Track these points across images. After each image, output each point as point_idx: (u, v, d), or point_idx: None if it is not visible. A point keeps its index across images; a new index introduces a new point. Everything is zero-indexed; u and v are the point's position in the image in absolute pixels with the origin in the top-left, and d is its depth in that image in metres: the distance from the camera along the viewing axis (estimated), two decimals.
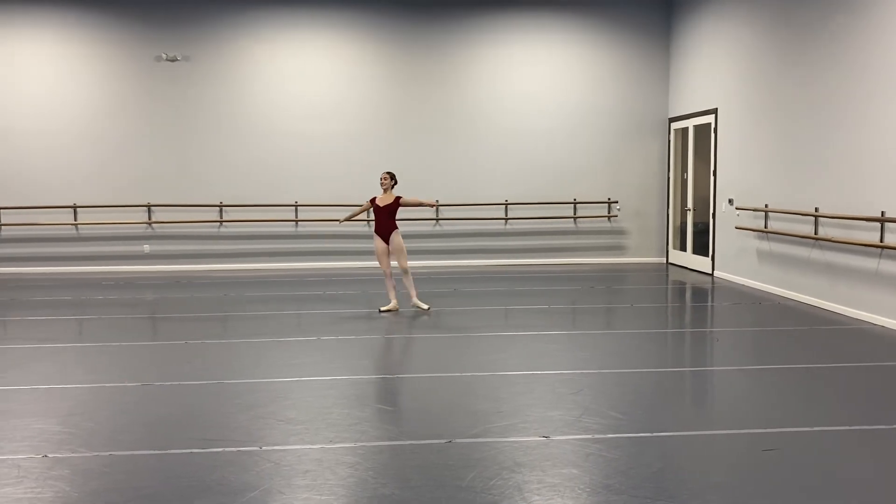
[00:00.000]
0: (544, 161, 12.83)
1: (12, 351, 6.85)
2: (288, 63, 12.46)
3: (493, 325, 7.91)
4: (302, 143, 12.52)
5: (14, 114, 12.12)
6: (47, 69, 12.14)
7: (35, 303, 9.58)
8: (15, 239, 12.31)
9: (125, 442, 4.40)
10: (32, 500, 3.61)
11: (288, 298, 9.71)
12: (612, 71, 12.85)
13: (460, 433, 4.48)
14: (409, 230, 12.69)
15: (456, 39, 12.63)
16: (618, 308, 9.10)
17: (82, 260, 12.40)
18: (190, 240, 12.57)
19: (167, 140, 12.38)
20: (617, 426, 4.62)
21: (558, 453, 4.19)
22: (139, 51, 12.23)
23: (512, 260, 12.93)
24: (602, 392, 5.36)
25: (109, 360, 6.46)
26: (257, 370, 6.04)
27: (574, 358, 6.40)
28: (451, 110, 12.71)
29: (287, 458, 4.12)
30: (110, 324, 8.14)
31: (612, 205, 12.96)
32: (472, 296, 9.81)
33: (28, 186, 12.18)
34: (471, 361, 6.28)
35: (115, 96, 12.27)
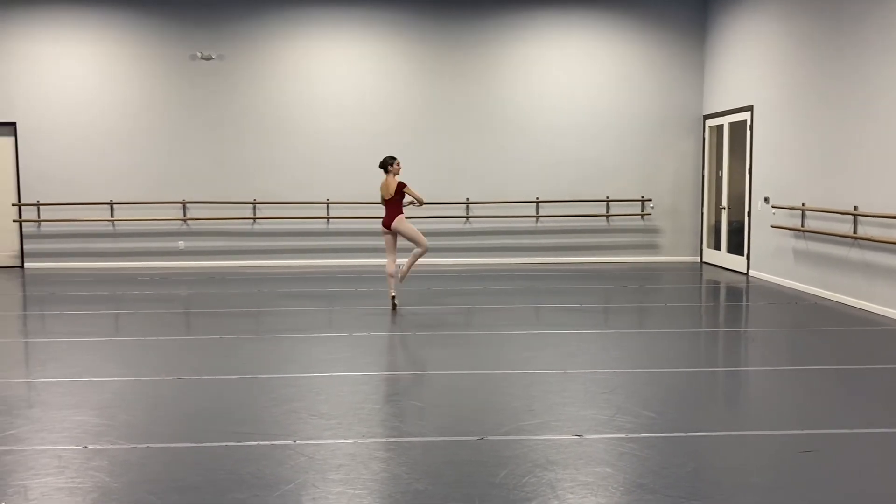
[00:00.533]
0: (576, 158, 12.75)
1: (52, 344, 7.00)
2: (320, 61, 12.54)
3: (524, 324, 7.89)
4: (334, 140, 12.60)
5: (54, 111, 12.36)
6: (86, 68, 12.36)
7: (73, 297, 9.76)
8: (54, 234, 12.56)
9: (161, 434, 4.47)
10: (73, 490, 3.68)
11: (319, 295, 9.78)
12: (646, 67, 12.73)
13: (492, 430, 4.48)
14: (438, 227, 12.72)
15: (487, 36, 12.61)
16: (651, 307, 9.01)
17: (119, 256, 12.61)
18: (224, 236, 12.72)
19: (202, 137, 12.53)
20: (650, 425, 4.58)
21: (591, 452, 4.16)
22: (175, 50, 12.40)
23: (543, 258, 12.87)
24: (635, 391, 5.31)
25: (145, 354, 6.57)
26: (290, 365, 6.10)
27: (607, 357, 6.36)
28: (482, 107, 12.69)
29: (321, 453, 4.15)
30: (146, 318, 8.27)
31: (646, 203, 12.85)
32: (503, 294, 9.79)
33: (67, 183, 12.41)
34: (502, 359, 6.27)
35: (152, 95, 12.46)
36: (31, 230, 12.55)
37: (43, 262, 12.55)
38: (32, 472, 3.91)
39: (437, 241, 12.78)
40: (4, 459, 4.08)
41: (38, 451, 4.21)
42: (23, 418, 4.78)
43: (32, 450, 4.23)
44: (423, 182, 12.62)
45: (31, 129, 12.36)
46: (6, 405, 5.04)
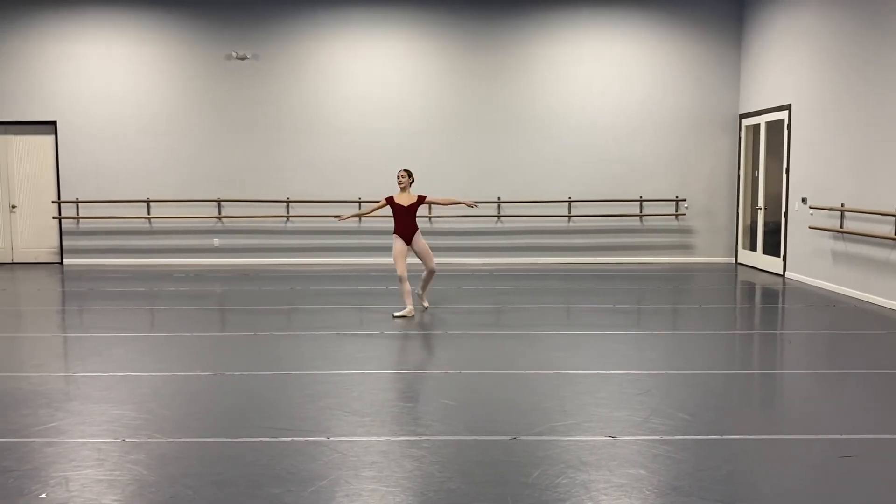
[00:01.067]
0: (610, 158, 12.66)
1: (91, 339, 7.13)
2: (352, 60, 12.61)
3: (556, 324, 7.85)
4: (365, 139, 12.66)
5: (92, 111, 12.59)
6: (123, 68, 12.57)
7: (111, 293, 9.94)
8: (92, 231, 12.80)
9: (198, 429, 4.53)
10: (112, 483, 3.75)
11: (352, 293, 9.83)
12: (681, 65, 12.59)
13: (524, 430, 4.46)
14: (469, 226, 12.72)
15: (520, 35, 12.57)
16: (685, 308, 8.91)
17: (155, 252, 12.81)
18: (257, 234, 12.85)
19: (236, 136, 12.67)
20: (685, 428, 4.53)
21: (625, 453, 4.13)
22: (210, 50, 12.55)
23: (575, 258, 12.80)
24: (669, 393, 5.26)
25: (181, 349, 6.66)
26: (323, 362, 6.14)
27: (640, 358, 6.30)
28: (514, 106, 12.65)
29: (354, 450, 4.18)
30: (181, 315, 8.39)
31: (680, 203, 12.71)
32: (535, 294, 9.76)
33: (105, 181, 12.64)
34: (534, 359, 6.25)
35: (187, 94, 12.63)
36: (70, 227, 12.80)
37: (81, 259, 12.80)
38: (73, 463, 3.99)
39: (468, 241, 12.80)
40: (46, 451, 4.17)
41: (78, 443, 4.29)
42: (63, 411, 4.88)
43: (73, 442, 4.31)
44: (454, 181, 12.66)
45: (71, 128, 12.61)
46: (47, 398, 5.15)
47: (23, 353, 6.74)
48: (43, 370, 5.93)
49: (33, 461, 4.03)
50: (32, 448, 4.21)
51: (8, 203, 12.90)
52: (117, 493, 3.63)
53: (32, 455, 4.12)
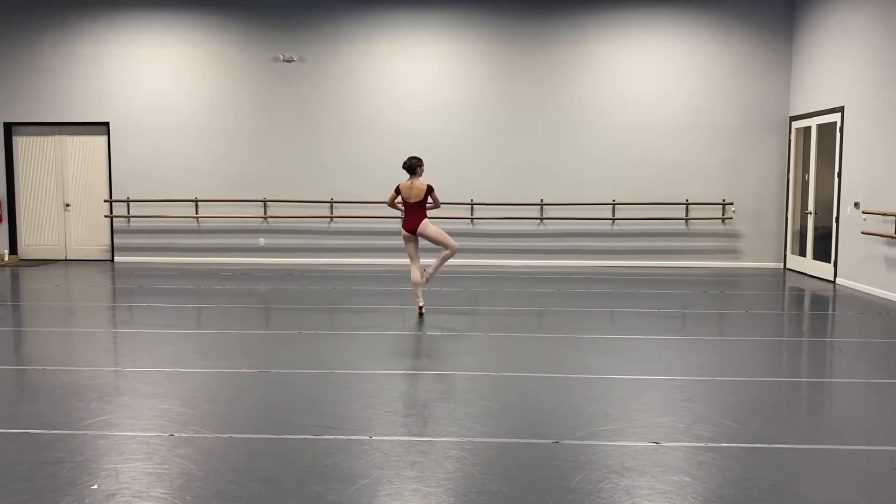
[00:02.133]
0: (655, 160, 12.51)
1: (140, 335, 7.30)
2: (397, 62, 12.68)
3: (599, 328, 7.78)
4: (409, 140, 12.70)
5: (143, 112, 12.88)
6: (173, 70, 12.84)
7: (160, 290, 10.16)
8: (142, 230, 13.10)
9: (243, 425, 4.60)
10: (161, 476, 3.83)
11: (393, 293, 9.88)
12: (729, 66, 12.38)
13: (567, 434, 4.44)
14: (511, 228, 12.69)
15: (565, 35, 12.50)
16: (732, 314, 8.76)
17: (202, 251, 13.05)
18: (302, 234, 13.00)
19: (282, 137, 12.85)
20: (731, 435, 4.45)
21: (669, 460, 4.08)
22: (258, 52, 12.75)
23: (619, 261, 12.68)
24: (715, 400, 5.18)
25: (227, 346, 6.78)
26: (365, 361, 6.18)
27: (685, 364, 6.21)
28: (558, 107, 12.59)
29: (396, 449, 4.20)
30: (227, 312, 8.53)
31: (727, 206, 12.50)
32: (577, 297, 9.69)
33: (154, 180, 12.92)
34: (576, 363, 6.21)
35: (235, 95, 12.85)
36: (120, 225, 13.12)
37: (131, 256, 13.10)
38: (123, 456, 4.09)
39: (509, 243, 12.78)
40: (98, 444, 4.28)
41: (127, 436, 4.40)
42: (114, 405, 5.01)
43: (123, 435, 4.42)
44: (497, 182, 12.65)
45: (123, 128, 12.93)
46: (99, 392, 5.28)
47: (75, 348, 6.93)
48: (94, 365, 6.09)
49: (85, 453, 4.14)
50: (84, 440, 4.33)
51: (62, 201, 13.28)
52: (165, 486, 3.71)
53: (84, 447, 4.23)
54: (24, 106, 12.99)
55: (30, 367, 6.04)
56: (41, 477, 3.79)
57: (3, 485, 3.70)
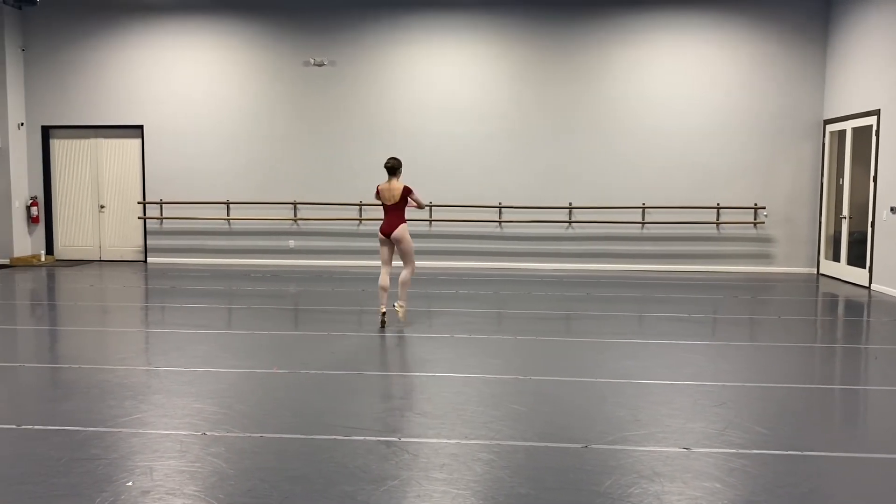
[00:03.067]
0: (686, 163, 12.41)
1: (173, 335, 7.40)
2: (426, 65, 12.72)
3: (628, 332, 7.73)
4: (437, 143, 12.75)
5: (176, 115, 13.07)
6: (205, 74, 13.02)
7: (192, 291, 10.29)
8: (175, 231, 13.29)
9: (274, 425, 4.65)
10: (194, 474, 3.89)
11: (421, 296, 9.90)
12: (762, 68, 12.24)
13: (596, 439, 4.42)
14: (539, 231, 12.66)
15: (595, 38, 12.45)
16: (763, 319, 8.66)
17: (233, 253, 13.20)
18: (331, 236, 13.09)
19: (312, 140, 12.96)
20: (763, 442, 4.40)
21: (700, 466, 4.05)
22: (289, 56, 12.87)
23: (648, 266, 12.59)
24: (746, 406, 5.12)
25: (258, 347, 6.85)
26: (393, 364, 6.21)
27: (716, 369, 6.15)
28: (587, 110, 12.54)
29: (424, 451, 4.22)
30: (258, 313, 8.62)
31: (759, 210, 12.35)
32: (606, 301, 9.64)
33: (187, 183, 13.10)
34: (605, 367, 6.18)
35: (266, 99, 12.98)
36: (153, 227, 13.32)
37: (164, 258, 13.29)
38: (157, 454, 4.16)
39: (537, 246, 12.75)
40: (132, 441, 4.36)
41: (161, 434, 4.47)
42: (148, 403, 5.09)
43: (156, 433, 4.49)
44: (525, 185, 12.63)
45: (156, 131, 13.13)
46: (133, 391, 5.37)
47: (109, 347, 7.06)
48: (128, 364, 6.19)
49: (120, 450, 4.22)
50: (119, 437, 4.41)
51: (97, 203, 13.52)
52: (198, 483, 3.76)
53: (119, 444, 4.31)
54: (61, 109, 13.26)
55: (66, 366, 6.16)
56: (78, 473, 3.87)
57: (41, 480, 3.78)
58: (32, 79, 13.22)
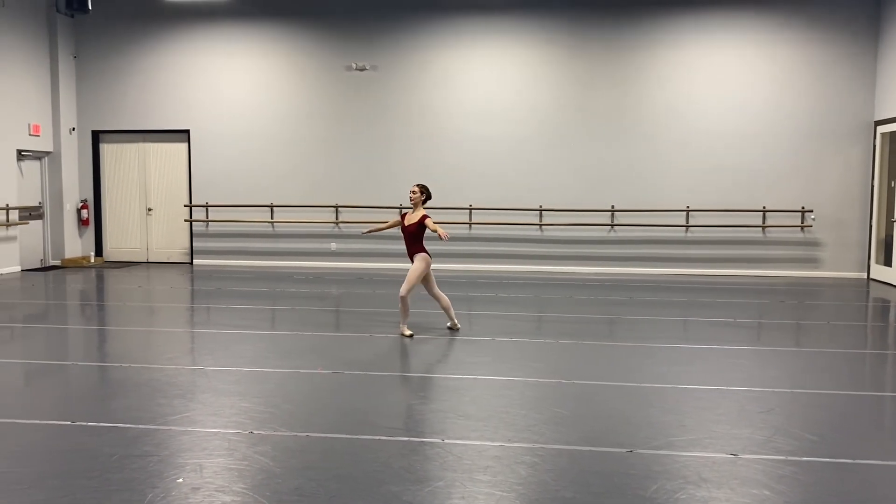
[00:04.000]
0: (730, 166, 12.22)
1: (219, 335, 7.54)
2: (468, 69, 12.75)
3: (673, 337, 7.65)
4: (478, 146, 12.76)
5: (221, 120, 13.30)
6: (250, 79, 13.23)
7: (236, 292, 10.46)
8: (220, 234, 13.52)
9: (320, 424, 4.71)
10: (241, 472, 3.96)
11: (461, 299, 9.91)
12: (809, 69, 12.01)
13: (641, 443, 4.38)
14: (580, 235, 12.58)
15: (636, 41, 12.35)
16: (811, 325, 8.48)
17: (277, 255, 13.38)
18: (372, 239, 13.16)
19: (354, 144, 13.08)
20: (812, 449, 4.32)
21: (747, 473, 3.99)
22: (331, 61, 13.02)
23: (693, 269, 12.42)
24: (795, 412, 5.03)
25: (302, 347, 6.93)
26: (435, 366, 6.24)
27: (763, 375, 6.05)
28: (629, 112, 12.43)
29: (468, 453, 4.23)
30: (301, 314, 8.72)
31: (806, 214, 12.10)
32: (650, 305, 9.54)
33: (232, 186, 13.33)
34: (649, 372, 6.12)
35: (309, 104, 13.14)
36: (199, 229, 13.57)
37: (209, 259, 13.54)
38: (206, 452, 4.24)
39: (579, 250, 12.67)
40: (182, 439, 4.45)
41: (210, 433, 4.56)
42: (196, 402, 5.19)
43: (205, 432, 4.58)
44: (566, 188, 12.57)
45: (203, 136, 13.39)
46: (181, 389, 5.48)
47: (157, 346, 7.21)
48: (176, 363, 6.32)
49: (170, 447, 4.31)
50: (169, 435, 4.50)
51: (145, 206, 13.82)
52: (246, 481, 3.83)
53: (169, 441, 4.40)
54: (111, 114, 13.59)
55: (116, 365, 6.31)
56: (130, 469, 3.96)
57: (97, 475, 3.89)
58: (83, 85, 13.58)
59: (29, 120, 12.70)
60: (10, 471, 3.95)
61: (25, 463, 4.07)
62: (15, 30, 12.35)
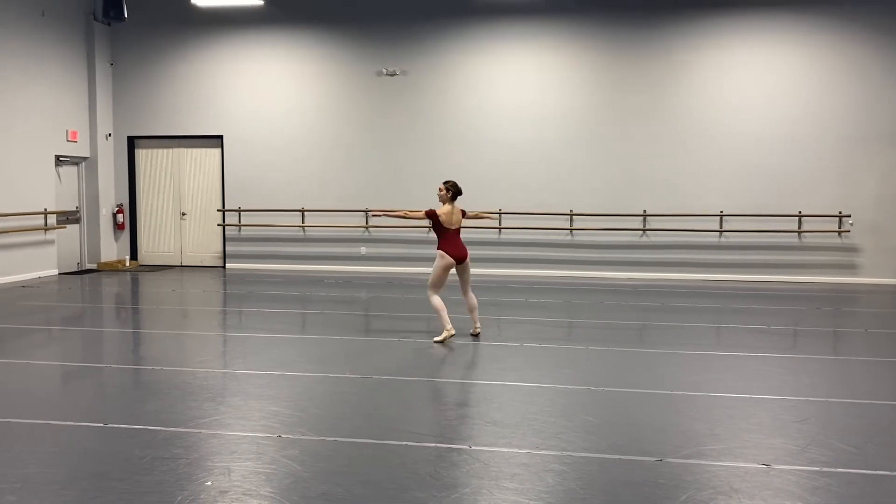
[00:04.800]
0: (765, 170, 12.02)
1: (250, 339, 7.60)
2: (499, 73, 12.72)
3: (705, 344, 7.53)
4: (508, 150, 12.72)
5: (253, 125, 13.44)
6: (281, 85, 13.35)
7: (267, 296, 10.54)
8: (253, 238, 13.65)
9: (347, 429, 4.72)
10: (269, 475, 3.98)
11: (490, 304, 9.88)
12: (846, 72, 11.77)
13: (671, 452, 4.32)
14: (612, 240, 12.47)
15: (669, 43, 12.22)
16: (848, 332, 8.31)
17: (307, 259, 13.47)
18: (401, 244, 13.20)
19: (384, 149, 13.12)
20: (849, 461, 4.22)
21: (780, 483, 3.90)
22: (362, 67, 13.08)
23: (726, 275, 12.24)
24: (831, 422, 4.92)
25: (331, 351, 6.95)
26: (464, 371, 6.22)
27: (797, 383, 5.93)
28: (662, 116, 12.30)
29: (495, 460, 4.20)
30: (331, 319, 8.77)
31: (844, 219, 11.86)
32: (682, 311, 9.42)
33: (264, 191, 13.45)
34: (681, 379, 6.03)
35: (340, 109, 13.23)
36: (232, 234, 13.72)
37: (241, 263, 13.68)
38: (234, 455, 4.27)
39: (610, 254, 12.56)
40: (211, 442, 4.49)
41: (238, 436, 4.59)
42: (226, 405, 5.24)
43: (234, 435, 4.61)
44: (598, 192, 12.48)
45: (235, 141, 13.54)
46: (211, 393, 5.54)
47: (189, 349, 7.30)
48: (207, 366, 6.39)
49: (199, 450, 4.36)
50: (199, 438, 4.55)
51: (179, 211, 14.02)
52: (274, 485, 3.85)
53: (199, 444, 4.44)
54: (146, 120, 13.82)
55: (149, 367, 6.40)
56: (160, 471, 4.01)
57: (126, 477, 3.93)
58: (120, 91, 13.82)
59: (67, 126, 12.96)
60: (44, 471, 4.02)
61: (59, 464, 4.14)
62: (54, 39, 12.62)
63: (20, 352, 7.09)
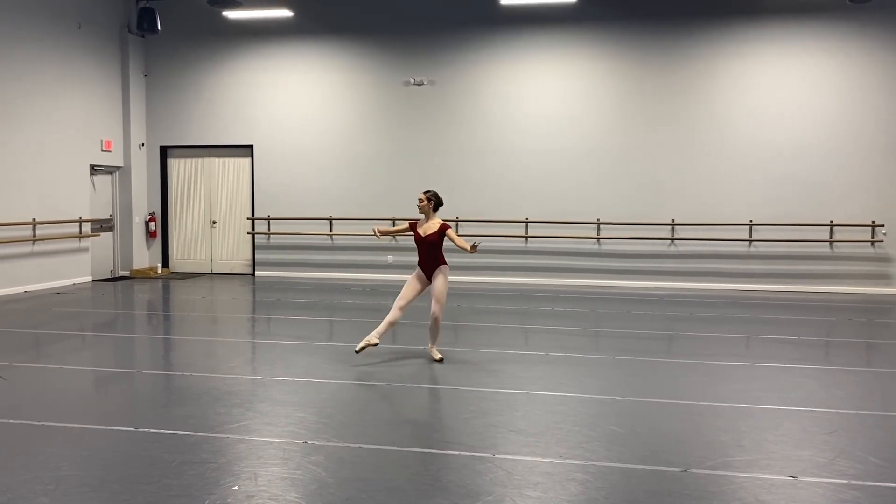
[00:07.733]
0: (796, 179, 11.89)
1: (278, 346, 7.69)
2: (526, 83, 12.75)
3: (734, 354, 7.47)
4: (534, 159, 12.73)
5: (282, 135, 13.60)
6: (310, 94, 13.51)
7: (296, 304, 10.65)
8: (282, 246, 13.80)
9: (372, 436, 4.76)
10: (295, 481, 4.03)
11: (515, 312, 9.89)
12: (879, 80, 11.62)
13: (696, 463, 4.30)
14: (640, 249, 12.40)
15: (695, 50, 12.16)
16: (881, 344, 8.17)
17: (335, 267, 13.58)
18: None
19: (411, 158, 13.20)
20: (878, 474, 4.16)
21: (807, 496, 3.86)
22: (390, 76, 13.20)
23: (756, 285, 12.11)
24: (860, 434, 4.85)
25: (356, 358, 6.99)
26: (487, 379, 6.22)
27: (827, 395, 5.86)
28: (689, 124, 12.23)
29: (518, 468, 4.21)
30: (357, 326, 8.81)
31: (877, 228, 11.67)
32: (710, 321, 9.33)
33: (293, 200, 13.60)
34: (707, 390, 5.99)
35: (368, 119, 13.34)
36: (261, 241, 13.89)
37: (270, 271, 13.83)
38: (261, 460, 4.33)
39: (638, 264, 12.50)
40: (238, 447, 4.56)
41: (265, 442, 4.65)
42: (253, 411, 5.31)
43: (261, 440, 4.68)
44: (625, 201, 12.42)
45: (265, 150, 13.72)
46: (239, 399, 5.62)
47: (219, 356, 7.40)
48: (236, 372, 6.48)
49: (227, 455, 4.42)
50: (226, 443, 4.62)
51: (210, 219, 14.22)
52: (299, 491, 3.90)
53: (226, 449, 4.51)
54: (178, 130, 14.06)
55: (179, 373, 6.50)
56: (189, 475, 4.08)
57: (156, 480, 4.01)
58: (153, 102, 14.09)
59: (101, 136, 13.24)
60: (75, 474, 4.11)
61: (90, 467, 4.23)
62: (89, 50, 12.91)
63: (55, 357, 7.25)
